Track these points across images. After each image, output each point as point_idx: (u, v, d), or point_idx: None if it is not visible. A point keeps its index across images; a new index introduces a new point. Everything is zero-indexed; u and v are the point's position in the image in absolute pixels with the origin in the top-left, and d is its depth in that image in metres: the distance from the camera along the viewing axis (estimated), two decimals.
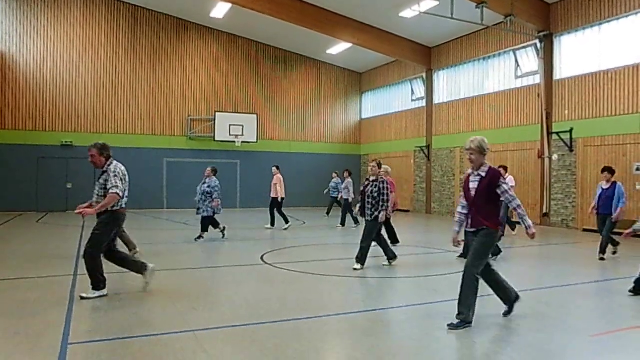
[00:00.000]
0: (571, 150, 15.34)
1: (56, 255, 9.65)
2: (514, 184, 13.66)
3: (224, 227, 12.10)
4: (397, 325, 5.39)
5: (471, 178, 5.42)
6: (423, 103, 21.79)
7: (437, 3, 15.49)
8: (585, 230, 14.55)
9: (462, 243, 5.89)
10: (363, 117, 26.24)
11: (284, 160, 23.41)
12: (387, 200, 8.34)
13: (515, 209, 5.33)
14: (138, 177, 21.05)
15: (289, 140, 24.46)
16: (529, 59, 16.75)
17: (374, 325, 5.34)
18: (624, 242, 10.15)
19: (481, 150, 5.32)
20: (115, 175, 6.24)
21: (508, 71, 17.85)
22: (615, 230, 9.97)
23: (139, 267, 6.66)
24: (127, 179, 6.47)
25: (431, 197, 21.20)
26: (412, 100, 22.60)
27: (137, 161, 21.18)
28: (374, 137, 25.11)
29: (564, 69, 15.86)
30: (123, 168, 6.47)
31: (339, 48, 21.95)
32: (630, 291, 6.70)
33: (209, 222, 11.95)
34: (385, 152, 24.10)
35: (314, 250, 10.86)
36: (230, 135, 21.98)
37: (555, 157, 15.85)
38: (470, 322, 5.18)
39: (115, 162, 6.42)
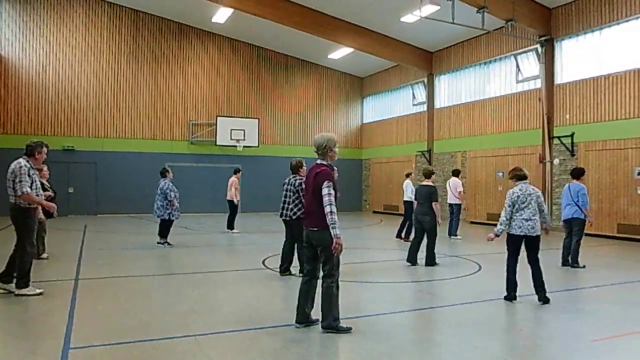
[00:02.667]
0: (572, 155, 15.33)
1: (58, 259, 9.65)
2: (460, 189, 13.94)
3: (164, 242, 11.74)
4: (397, 330, 5.38)
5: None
6: (424, 107, 21.80)
7: (438, 8, 15.50)
8: (586, 234, 14.50)
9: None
10: (364, 121, 26.26)
11: (285, 165, 23.32)
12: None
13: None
14: (139, 182, 21.14)
15: (290, 145, 24.46)
16: (530, 64, 16.77)
17: (374, 330, 5.33)
18: (619, 245, 10.15)
19: None
20: None
21: (509, 76, 17.86)
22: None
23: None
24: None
25: None
26: (414, 105, 22.61)
27: (138, 165, 21.22)
28: (376, 142, 25.12)
29: (564, 73, 15.86)
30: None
31: (340, 53, 21.99)
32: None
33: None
34: (387, 156, 24.12)
35: None
36: (231, 139, 22.00)
37: (556, 161, 15.84)
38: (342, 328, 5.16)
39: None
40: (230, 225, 14.91)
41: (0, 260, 8.96)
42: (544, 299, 6.48)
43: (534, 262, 6.63)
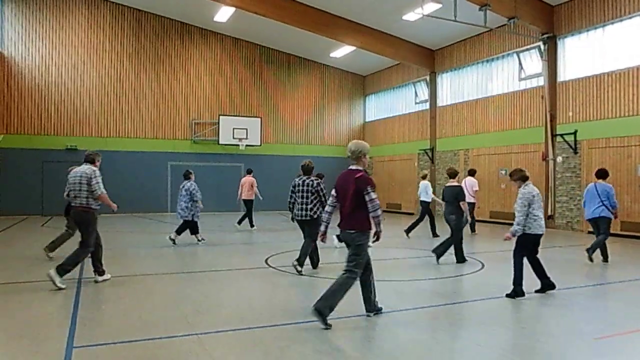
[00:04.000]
0: (575, 152, 15.30)
1: (61, 259, 9.66)
2: (476, 188, 14.21)
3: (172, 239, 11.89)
4: (401, 328, 5.39)
5: None
6: (427, 106, 21.78)
7: (440, 6, 15.50)
8: (590, 232, 14.48)
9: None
10: (367, 120, 26.24)
11: (287, 164, 23.45)
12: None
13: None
14: (142, 181, 21.21)
15: (292, 144, 24.48)
16: (533, 61, 16.73)
17: (378, 328, 5.34)
18: (622, 243, 10.15)
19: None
20: None
21: (511, 73, 17.82)
22: None
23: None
24: (69, 181, 7.53)
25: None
26: (416, 103, 22.58)
27: (141, 165, 21.28)
28: (378, 140, 25.11)
29: (567, 70, 15.82)
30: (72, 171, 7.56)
31: (342, 51, 21.98)
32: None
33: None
34: (389, 154, 24.11)
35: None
36: (234, 138, 22.03)
37: (559, 159, 15.81)
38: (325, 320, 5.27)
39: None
40: (241, 222, 15.46)
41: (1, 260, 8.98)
42: (551, 285, 6.84)
43: (536, 256, 6.87)
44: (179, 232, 11.85)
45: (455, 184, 9.75)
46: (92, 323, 5.44)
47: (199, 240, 11.94)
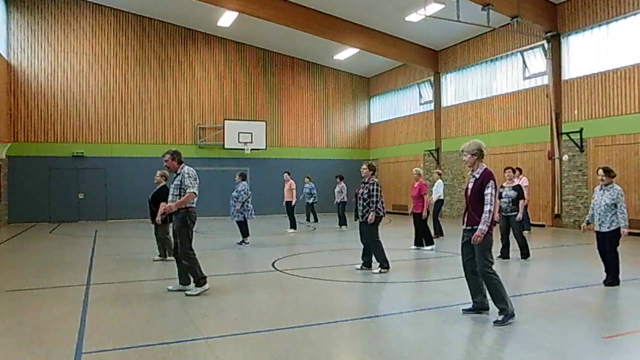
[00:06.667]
0: (581, 151, 15.23)
1: (69, 265, 9.74)
2: (527, 184, 13.97)
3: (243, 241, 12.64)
4: (408, 329, 5.38)
5: (469, 179, 5.74)
6: (431, 106, 21.76)
7: (443, 6, 15.49)
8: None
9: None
10: (372, 121, 26.25)
11: (293, 167, 23.39)
12: (376, 202, 8.47)
13: (484, 212, 5.41)
14: (148, 186, 21.19)
15: (297, 147, 24.50)
16: (537, 60, 16.69)
17: (385, 330, 5.34)
18: (630, 241, 10.09)
19: (475, 153, 5.56)
20: (189, 176, 6.97)
21: (516, 72, 17.78)
22: None
23: (199, 278, 7.11)
24: (198, 181, 7.12)
25: None
26: (421, 104, 22.57)
27: (147, 170, 21.24)
28: (383, 142, 25.10)
29: (572, 68, 15.77)
30: (194, 171, 7.15)
31: (346, 53, 22.01)
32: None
33: (243, 226, 12.63)
34: (395, 156, 24.08)
35: (324, 256, 10.87)
36: (239, 142, 22.08)
37: (565, 157, 15.74)
38: (513, 314, 5.42)
39: (187, 166, 7.17)
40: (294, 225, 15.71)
41: (6, 267, 9.01)
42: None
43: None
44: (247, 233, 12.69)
45: None
46: (101, 328, 5.46)
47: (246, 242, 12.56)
